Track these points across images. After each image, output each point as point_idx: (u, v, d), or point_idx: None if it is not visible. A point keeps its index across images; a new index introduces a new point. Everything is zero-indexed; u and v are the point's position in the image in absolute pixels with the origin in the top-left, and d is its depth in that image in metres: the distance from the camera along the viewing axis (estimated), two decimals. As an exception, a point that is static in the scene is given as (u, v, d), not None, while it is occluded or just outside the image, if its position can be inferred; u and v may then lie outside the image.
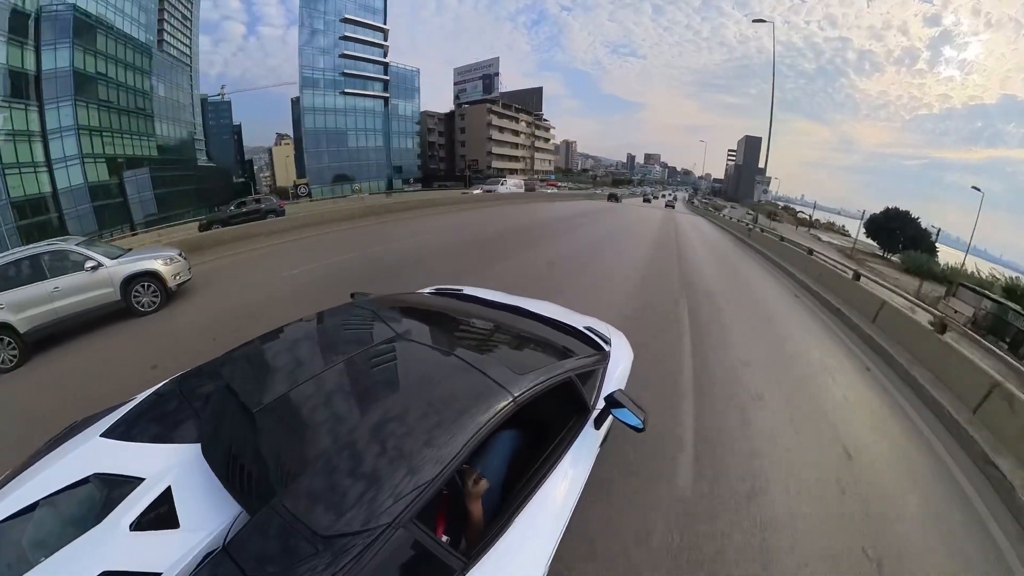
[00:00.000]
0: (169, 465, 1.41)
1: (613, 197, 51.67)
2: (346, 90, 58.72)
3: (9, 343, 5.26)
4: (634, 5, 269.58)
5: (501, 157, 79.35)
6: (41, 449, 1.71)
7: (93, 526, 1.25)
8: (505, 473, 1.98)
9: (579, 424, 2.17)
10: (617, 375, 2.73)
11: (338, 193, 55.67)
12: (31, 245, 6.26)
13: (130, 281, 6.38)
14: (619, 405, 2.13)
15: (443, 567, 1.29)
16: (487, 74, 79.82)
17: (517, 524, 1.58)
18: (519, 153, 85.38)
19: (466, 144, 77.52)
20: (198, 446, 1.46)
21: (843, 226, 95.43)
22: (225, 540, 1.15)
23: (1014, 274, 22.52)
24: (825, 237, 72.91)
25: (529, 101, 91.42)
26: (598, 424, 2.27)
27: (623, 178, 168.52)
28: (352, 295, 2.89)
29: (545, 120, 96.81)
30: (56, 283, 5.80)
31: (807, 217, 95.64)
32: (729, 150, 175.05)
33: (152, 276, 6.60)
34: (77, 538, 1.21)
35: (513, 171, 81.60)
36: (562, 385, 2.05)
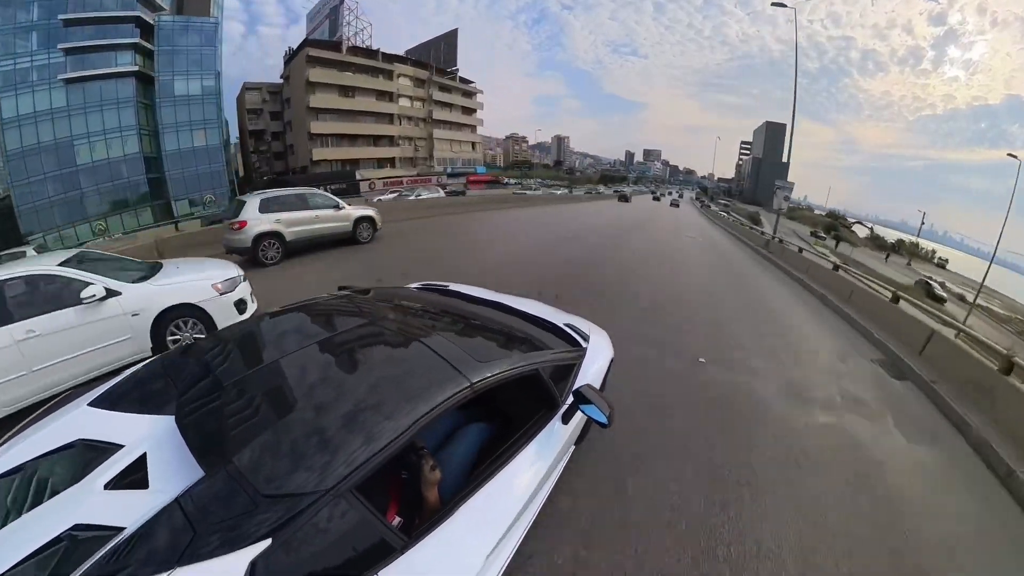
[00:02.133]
0: (147, 433, 1.49)
1: (623, 198, 48.77)
2: (66, 74, 32.89)
3: (277, 247, 8.58)
4: (635, 4, 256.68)
5: (345, 140, 46.05)
6: (35, 416, 1.80)
7: (72, 485, 1.34)
8: (471, 465, 2.00)
9: (545, 418, 2.17)
10: (593, 372, 2.74)
11: (72, 240, 32.58)
12: (304, 188, 10.70)
13: (359, 220, 10.65)
14: (586, 400, 2.10)
15: (381, 542, 1.33)
16: (334, 6, 48.90)
17: (464, 510, 1.61)
18: (394, 131, 49.76)
19: (293, 125, 47.64)
20: (173, 418, 1.53)
21: (932, 251, 61.52)
22: (179, 494, 1.25)
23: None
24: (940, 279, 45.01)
25: (433, 54, 57.66)
26: (566, 419, 2.25)
27: (615, 175, 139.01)
28: (339, 287, 3.02)
29: (469, 83, 60.44)
30: (317, 213, 9.54)
31: (868, 231, 66.32)
32: (743, 143, 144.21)
33: (370, 219, 11.07)
34: (56, 495, 1.32)
35: (385, 163, 49.61)
36: (529, 378, 2.10)
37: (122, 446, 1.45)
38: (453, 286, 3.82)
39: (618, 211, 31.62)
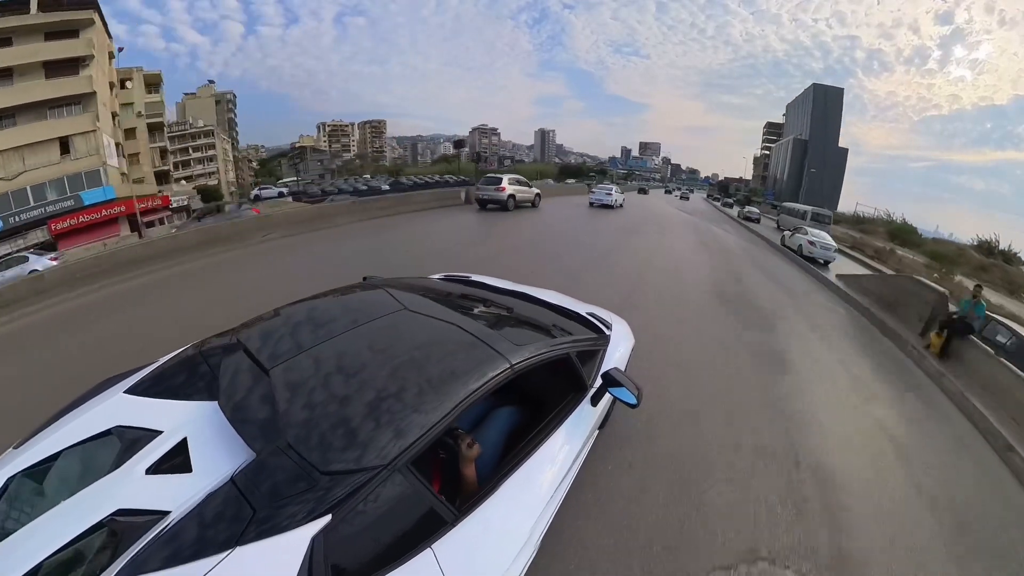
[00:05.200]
0: (186, 419, 1.47)
1: (642, 191, 51.55)
2: None
3: (514, 203, 16.17)
4: (638, 3, 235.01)
5: None
6: (70, 404, 1.76)
7: (112, 471, 1.31)
8: (503, 446, 2.05)
9: (576, 400, 2.24)
10: (617, 358, 2.77)
11: None
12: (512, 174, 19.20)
13: (535, 196, 17.76)
14: (615, 383, 2.20)
15: (435, 515, 1.37)
16: None
17: (506, 487, 1.66)
18: None
19: None
20: (214, 403, 1.50)
21: None
22: (232, 475, 1.22)
23: None
24: None
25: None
26: (594, 401, 2.33)
27: (588, 168, 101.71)
28: (364, 278, 3.03)
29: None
30: (526, 188, 17.51)
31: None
32: (768, 125, 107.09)
33: (537, 195, 17.96)
34: (96, 481, 1.28)
35: None
36: (560, 361, 2.16)
37: (160, 432, 1.41)
38: (475, 277, 3.85)
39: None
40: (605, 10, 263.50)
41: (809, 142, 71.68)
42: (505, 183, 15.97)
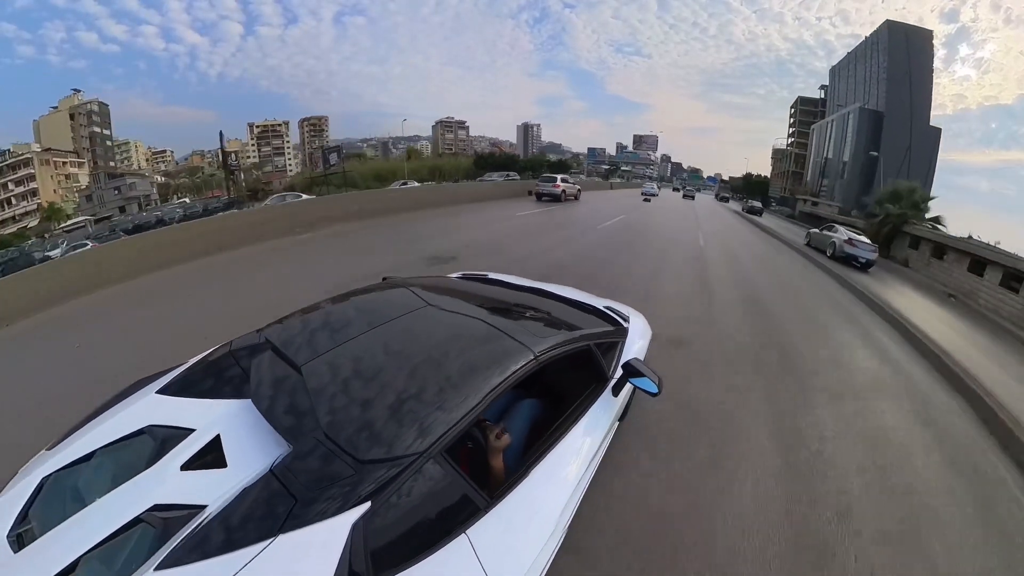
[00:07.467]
0: (218, 417, 1.49)
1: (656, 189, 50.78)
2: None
3: (564, 197, 21.66)
4: (639, 1, 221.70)
5: None
6: (102, 405, 1.80)
7: (146, 469, 1.33)
8: (526, 437, 2.14)
9: (598, 391, 2.34)
10: (635, 350, 2.89)
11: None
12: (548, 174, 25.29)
13: (577, 191, 24.11)
14: (636, 373, 2.28)
15: (469, 501, 1.43)
16: None
17: (535, 475, 1.72)
18: None
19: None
20: (246, 401, 1.53)
21: None
22: (272, 465, 1.26)
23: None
24: None
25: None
26: (616, 391, 2.43)
27: (544, 161, 74.11)
28: (384, 278, 3.10)
29: None
30: (571, 185, 23.32)
31: None
32: (800, 101, 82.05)
33: (579, 190, 24.66)
34: (131, 479, 1.30)
35: None
36: (582, 354, 2.25)
37: (193, 430, 1.42)
38: (492, 275, 3.94)
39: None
40: (606, 8, 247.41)
41: (886, 114, 46.68)
42: (559, 181, 21.29)
